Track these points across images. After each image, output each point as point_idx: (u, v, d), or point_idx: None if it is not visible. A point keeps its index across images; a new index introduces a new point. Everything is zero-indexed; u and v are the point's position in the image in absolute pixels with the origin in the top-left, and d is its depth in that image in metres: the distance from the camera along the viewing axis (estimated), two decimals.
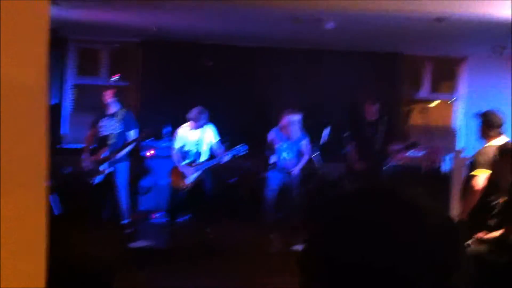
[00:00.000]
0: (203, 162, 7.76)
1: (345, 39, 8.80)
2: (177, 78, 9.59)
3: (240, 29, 8.32)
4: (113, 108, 7.54)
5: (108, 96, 7.51)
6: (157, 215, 8.46)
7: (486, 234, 4.77)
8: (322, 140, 8.59)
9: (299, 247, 0.96)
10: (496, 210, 4.97)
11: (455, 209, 6.57)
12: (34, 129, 0.78)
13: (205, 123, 7.73)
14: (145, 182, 8.79)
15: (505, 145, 4.98)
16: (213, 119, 7.89)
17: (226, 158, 7.77)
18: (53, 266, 0.83)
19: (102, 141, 7.50)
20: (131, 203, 8.19)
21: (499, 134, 5.51)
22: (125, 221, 7.62)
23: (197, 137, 7.76)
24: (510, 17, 6.15)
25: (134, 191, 8.67)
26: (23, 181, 0.75)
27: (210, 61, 9.48)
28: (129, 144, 7.48)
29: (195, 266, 6.61)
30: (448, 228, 0.91)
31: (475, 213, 5.21)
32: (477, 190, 5.21)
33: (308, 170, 8.68)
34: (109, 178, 7.51)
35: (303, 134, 7.81)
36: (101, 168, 7.40)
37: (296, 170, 7.73)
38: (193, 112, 7.63)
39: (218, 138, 7.88)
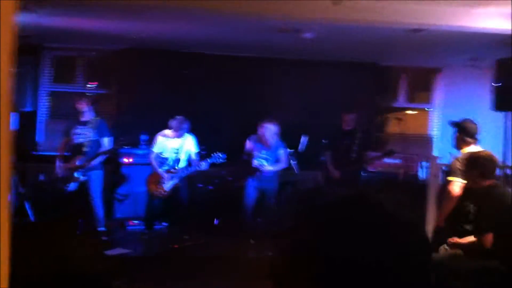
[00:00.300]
0: (180, 169, 7.73)
1: (323, 49, 8.85)
2: (154, 86, 9.54)
3: (219, 38, 8.32)
4: (87, 116, 7.50)
5: (82, 104, 7.47)
6: (134, 222, 8.40)
7: (460, 239, 4.83)
8: (299, 149, 8.63)
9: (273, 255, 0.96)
10: (471, 216, 5.05)
11: (432, 216, 6.64)
12: None
13: (185, 132, 7.73)
14: (121, 190, 8.72)
15: (472, 154, 5.06)
16: (192, 127, 7.87)
17: (204, 166, 7.75)
18: (25, 274, 0.81)
19: (75, 149, 7.45)
20: (108, 210, 8.14)
21: (474, 142, 5.59)
22: (101, 229, 7.56)
23: (177, 145, 7.75)
24: (485, 29, 6.25)
25: (111, 198, 8.61)
26: None
27: (185, 69, 9.46)
28: (103, 152, 7.45)
29: (173, 274, 6.57)
30: (416, 239, 0.92)
31: (452, 218, 5.29)
32: (454, 196, 5.29)
33: (286, 178, 8.71)
34: (83, 186, 7.45)
35: (280, 142, 7.83)
36: (75, 175, 7.34)
37: (272, 178, 7.74)
38: (175, 121, 7.63)
39: (197, 149, 7.87)
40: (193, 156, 7.82)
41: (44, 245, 1.26)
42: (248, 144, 7.84)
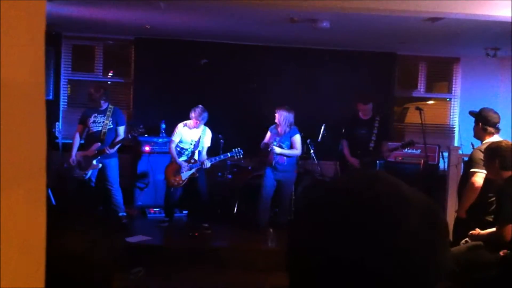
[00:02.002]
0: (198, 160, 7.76)
1: (339, 39, 8.81)
2: (171, 75, 9.58)
3: (235, 28, 8.30)
4: (103, 105, 7.55)
5: (98, 93, 7.51)
6: (155, 210, 8.46)
7: (480, 231, 4.79)
8: (318, 138, 8.62)
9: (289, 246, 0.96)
10: (493, 207, 5.00)
11: (452, 206, 6.60)
12: (33, 127, 0.78)
13: (204, 122, 7.74)
14: (142, 178, 8.78)
15: (492, 144, 4.97)
16: (208, 117, 7.89)
17: (222, 159, 7.81)
18: (48, 263, 0.82)
19: (93, 137, 7.51)
20: (128, 198, 8.22)
21: (496, 132, 5.50)
22: (122, 214, 7.65)
23: (196, 136, 7.77)
24: (504, 19, 6.16)
25: (131, 186, 8.69)
26: (23, 179, 0.74)
27: (205, 60, 9.47)
28: (119, 141, 7.51)
29: (192, 262, 6.62)
30: (435, 219, 0.90)
31: (473, 209, 5.23)
32: (477, 188, 5.22)
33: (304, 167, 8.71)
34: (101, 173, 7.53)
35: (295, 129, 7.81)
36: (93, 163, 7.42)
37: (289, 169, 7.73)
38: (196, 111, 7.64)
39: (209, 144, 7.89)
40: (204, 152, 7.80)
41: (62, 230, 1.27)
42: (268, 134, 7.86)
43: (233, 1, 6.40)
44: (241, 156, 7.90)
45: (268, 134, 7.87)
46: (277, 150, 7.62)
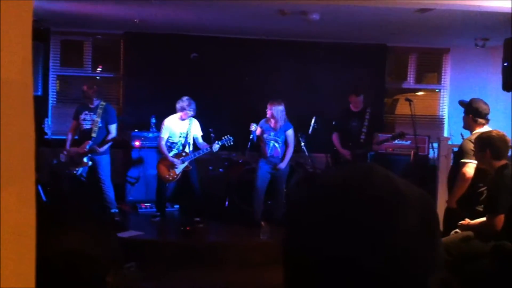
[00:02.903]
0: (191, 153, 7.75)
1: (330, 31, 8.80)
2: (160, 69, 9.55)
3: (225, 21, 8.28)
4: (94, 101, 7.51)
5: (89, 89, 7.47)
6: (146, 205, 8.45)
7: (470, 221, 4.81)
8: (309, 131, 8.63)
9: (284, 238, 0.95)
10: (483, 197, 5.02)
11: (442, 197, 6.62)
12: (22, 125, 0.77)
13: (192, 114, 7.72)
14: (133, 173, 8.76)
15: (483, 134, 4.99)
16: (198, 110, 7.88)
17: (214, 148, 7.76)
18: (42, 260, 0.81)
19: (84, 134, 7.48)
20: (120, 193, 8.20)
21: (486, 123, 5.52)
22: (114, 210, 7.63)
23: (184, 129, 7.75)
24: (493, 8, 6.18)
25: (123, 181, 8.67)
26: (13, 178, 0.73)
27: (195, 54, 9.45)
28: (110, 140, 7.48)
29: (185, 256, 6.63)
30: (428, 211, 0.90)
31: (464, 200, 5.26)
32: (468, 178, 5.24)
33: (296, 160, 8.71)
34: (93, 170, 7.51)
35: (289, 123, 7.81)
36: (84, 160, 7.39)
37: (283, 161, 7.73)
38: (182, 102, 7.61)
39: (201, 133, 7.88)
40: (200, 140, 7.83)
41: (56, 227, 1.26)
42: (258, 127, 7.83)
43: None
44: (232, 143, 7.87)
45: (259, 129, 7.82)
46: (283, 165, 7.67)
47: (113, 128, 7.57)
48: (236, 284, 6.09)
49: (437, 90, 10.53)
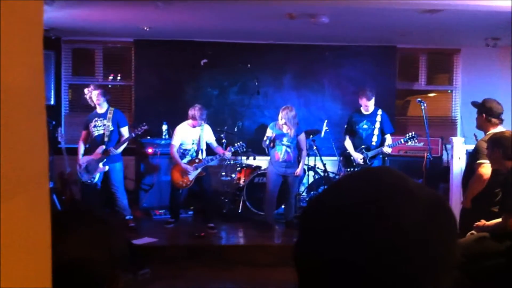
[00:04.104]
0: (203, 159, 7.76)
1: (339, 34, 8.79)
2: (171, 76, 9.59)
3: (235, 26, 8.30)
4: (104, 108, 7.56)
5: (99, 96, 7.51)
6: (160, 212, 8.47)
7: (486, 222, 4.77)
8: (321, 134, 8.62)
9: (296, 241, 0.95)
10: (498, 198, 4.98)
11: (455, 199, 6.58)
12: (35, 133, 0.77)
13: (204, 121, 7.74)
14: (147, 180, 8.79)
15: (494, 135, 4.95)
16: (210, 116, 7.90)
17: (226, 156, 7.80)
18: (54, 268, 0.82)
19: (96, 141, 7.52)
20: (134, 200, 8.23)
21: (500, 122, 5.47)
22: (129, 217, 7.66)
23: (196, 136, 7.77)
24: (503, 9, 6.15)
25: (137, 188, 8.70)
26: (26, 185, 0.74)
27: (205, 60, 9.47)
28: (124, 140, 7.51)
29: (198, 262, 6.63)
30: (443, 212, 0.89)
31: (479, 200, 5.21)
32: (485, 179, 5.18)
33: (307, 164, 8.71)
34: (106, 177, 7.54)
35: (301, 127, 7.82)
36: (97, 166, 7.42)
37: (299, 167, 7.73)
38: (194, 110, 7.63)
39: (214, 137, 7.91)
40: (215, 144, 7.86)
41: (70, 234, 1.27)
42: (269, 131, 7.83)
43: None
44: (244, 149, 7.91)
45: (269, 131, 7.82)
46: (300, 171, 7.69)
47: (125, 130, 7.61)
48: (247, 286, 6.10)
49: (449, 91, 10.48)
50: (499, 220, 4.62)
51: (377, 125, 7.74)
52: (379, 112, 7.81)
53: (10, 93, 0.69)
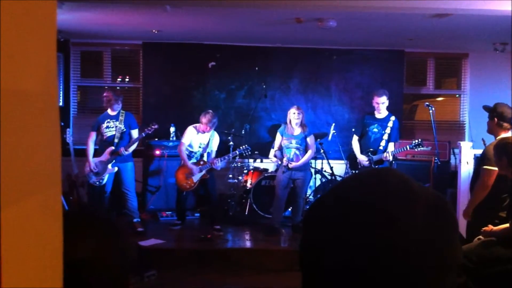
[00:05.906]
0: (207, 162, 7.77)
1: (346, 38, 8.79)
2: (179, 78, 9.62)
3: (243, 30, 8.31)
4: (115, 110, 7.59)
5: (109, 98, 7.55)
6: (167, 213, 8.48)
7: (493, 227, 4.74)
8: (328, 137, 8.61)
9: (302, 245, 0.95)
10: (506, 203, 4.95)
11: (463, 203, 6.55)
12: (48, 135, 0.78)
13: (214, 127, 7.74)
14: (153, 181, 8.81)
15: (500, 140, 4.91)
16: (218, 119, 7.90)
17: (216, 165, 7.76)
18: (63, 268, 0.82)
19: (106, 142, 7.55)
20: (141, 202, 8.25)
21: (510, 127, 5.42)
22: (136, 220, 7.67)
23: (204, 140, 7.78)
24: (492, 13, 6.13)
25: (144, 190, 8.72)
26: (39, 187, 0.74)
27: (213, 63, 9.50)
28: (134, 140, 7.54)
29: (205, 264, 6.64)
30: (445, 214, 0.90)
31: (487, 206, 5.18)
32: (488, 186, 5.15)
33: (314, 167, 8.70)
34: (116, 178, 7.55)
35: (309, 129, 7.81)
36: (108, 168, 7.44)
37: (301, 161, 7.69)
38: (206, 115, 7.63)
39: (216, 148, 7.90)
40: (213, 155, 7.83)
41: (79, 236, 1.27)
42: (278, 136, 7.83)
43: (238, 1, 6.40)
44: (249, 153, 7.90)
45: (279, 136, 7.82)
46: (293, 164, 7.62)
47: (135, 133, 7.66)
48: None
49: (457, 95, 10.45)
50: (507, 225, 4.60)
51: (388, 130, 7.70)
52: (392, 118, 7.76)
53: (24, 95, 0.70)
